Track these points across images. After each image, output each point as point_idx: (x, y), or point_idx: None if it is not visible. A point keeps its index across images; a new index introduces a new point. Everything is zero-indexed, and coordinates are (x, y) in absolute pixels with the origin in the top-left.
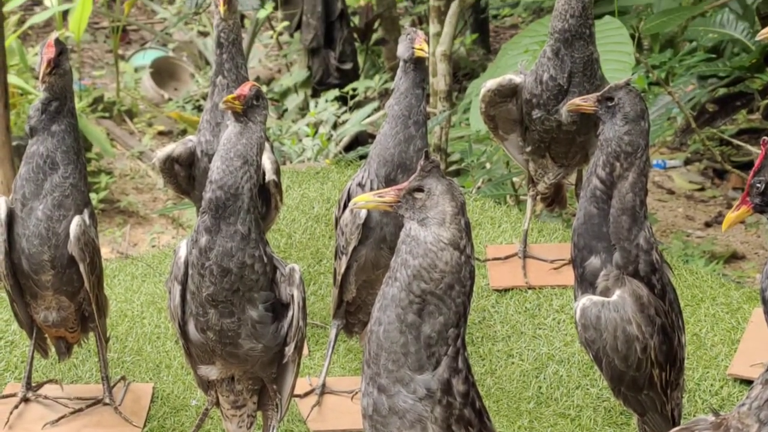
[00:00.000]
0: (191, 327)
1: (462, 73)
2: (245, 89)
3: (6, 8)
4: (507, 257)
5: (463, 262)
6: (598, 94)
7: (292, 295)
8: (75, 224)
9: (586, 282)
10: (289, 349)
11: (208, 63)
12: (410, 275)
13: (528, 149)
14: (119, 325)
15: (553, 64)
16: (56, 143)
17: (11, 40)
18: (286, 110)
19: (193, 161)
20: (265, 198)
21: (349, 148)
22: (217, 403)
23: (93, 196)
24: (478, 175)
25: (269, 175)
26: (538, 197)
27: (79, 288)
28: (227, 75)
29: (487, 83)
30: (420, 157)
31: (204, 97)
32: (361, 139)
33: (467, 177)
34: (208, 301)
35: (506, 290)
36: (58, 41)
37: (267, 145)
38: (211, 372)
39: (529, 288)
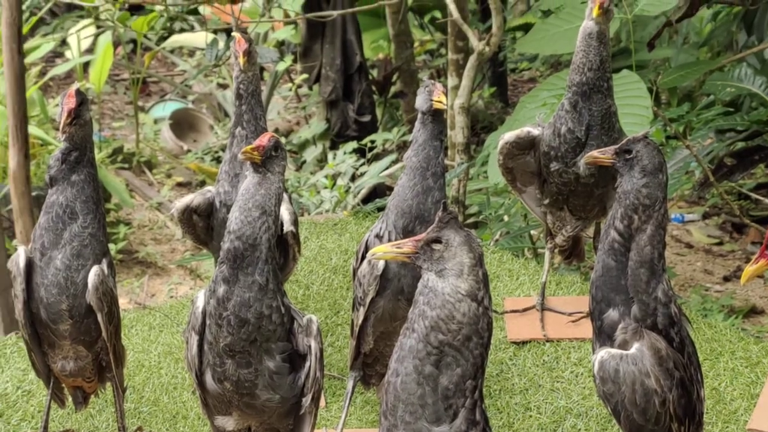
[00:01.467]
0: (208, 377)
1: (480, 126)
2: (264, 140)
3: (28, 60)
4: (525, 310)
5: (481, 313)
6: (616, 146)
7: (310, 346)
8: (93, 274)
9: (604, 335)
10: (306, 400)
11: (227, 115)
12: (428, 326)
13: (546, 201)
14: (136, 375)
15: (571, 116)
16: (76, 193)
17: (32, 91)
18: (304, 162)
19: (212, 212)
20: (283, 249)
21: (367, 200)
22: None
23: (111, 246)
24: (495, 228)
25: (287, 226)
26: (556, 250)
27: (97, 338)
28: (246, 126)
29: (506, 135)
30: (438, 208)
31: (223, 149)
32: (379, 191)
33: (485, 230)
34: (226, 352)
35: (524, 343)
36: (78, 92)
37: (285, 196)
38: (228, 423)
39: (547, 341)
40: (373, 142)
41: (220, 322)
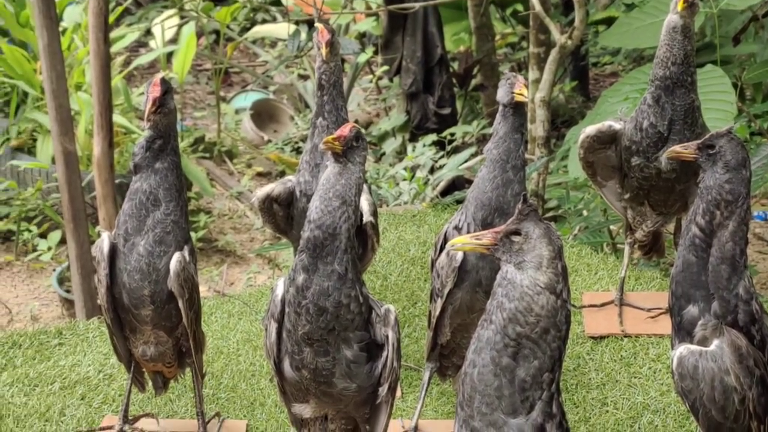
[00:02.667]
0: (286, 365)
1: (560, 120)
2: (345, 130)
3: (113, 49)
4: (603, 304)
5: (559, 306)
6: (699, 141)
7: (387, 336)
8: (175, 260)
9: (683, 331)
10: (383, 390)
11: (307, 106)
12: (506, 318)
13: (626, 196)
14: (215, 361)
15: (653, 111)
16: (159, 180)
17: (117, 80)
18: (383, 154)
19: (292, 201)
20: (362, 239)
21: (445, 192)
22: None
23: (192, 234)
24: (575, 222)
25: (366, 217)
26: (636, 245)
27: (178, 323)
28: (327, 116)
29: (587, 129)
30: (517, 201)
31: (303, 140)
32: (458, 184)
33: (564, 224)
34: (304, 340)
35: (602, 338)
36: (164, 80)
37: (365, 186)
38: (305, 410)
39: (625, 336)
40: (452, 134)
41: (299, 310)
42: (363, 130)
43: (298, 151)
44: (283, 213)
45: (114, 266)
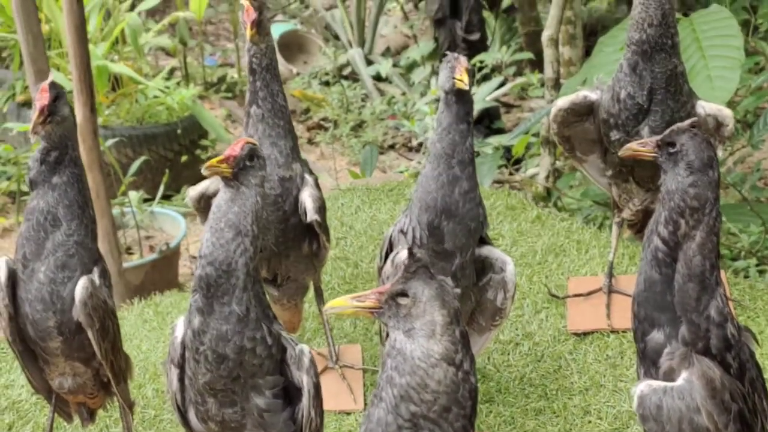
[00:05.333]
0: (192, 415)
1: (603, 33)
2: (236, 149)
3: None
4: (590, 293)
5: (461, 379)
6: (658, 138)
7: (302, 381)
8: (81, 287)
9: (648, 360)
10: None
11: (336, 37)
12: (397, 396)
13: (609, 173)
14: (162, 375)
15: (630, 80)
16: (57, 197)
17: (122, 26)
18: (413, 84)
19: None
20: (313, 236)
21: (478, 122)
22: None
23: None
24: None
25: (311, 215)
26: (625, 224)
27: (93, 353)
28: (262, 104)
29: (558, 102)
30: (467, 201)
31: (330, 72)
32: (493, 113)
33: (576, 174)
34: (206, 389)
35: (586, 334)
36: (53, 85)
37: (310, 179)
38: None
39: (612, 331)
40: (482, 62)
41: (197, 356)
42: (390, 60)
43: (326, 84)
44: None
45: (16, 295)
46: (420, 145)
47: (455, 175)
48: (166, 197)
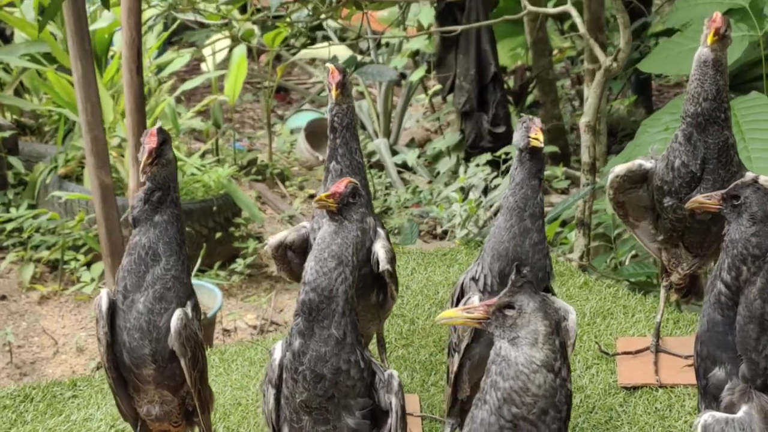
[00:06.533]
0: None
1: (622, 134)
2: (341, 186)
3: (165, 72)
4: (638, 352)
5: (558, 385)
6: (723, 191)
7: (391, 403)
8: (176, 318)
9: (709, 395)
10: None
11: (363, 126)
12: (500, 398)
13: (660, 238)
14: (232, 414)
15: (685, 149)
16: (159, 234)
17: (163, 106)
18: (438, 173)
19: (306, 248)
20: (381, 286)
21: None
22: None
23: (240, 261)
24: (622, 251)
25: (383, 265)
26: (672, 288)
27: (182, 382)
28: (341, 160)
29: (616, 169)
30: (536, 251)
31: None
32: None
33: (610, 255)
34: (302, 407)
35: (635, 388)
36: (160, 130)
37: (382, 232)
38: None
39: (661, 386)
40: (507, 153)
41: (296, 376)
42: (418, 149)
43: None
44: (298, 260)
45: (114, 324)
46: (445, 233)
47: (526, 227)
48: (200, 271)
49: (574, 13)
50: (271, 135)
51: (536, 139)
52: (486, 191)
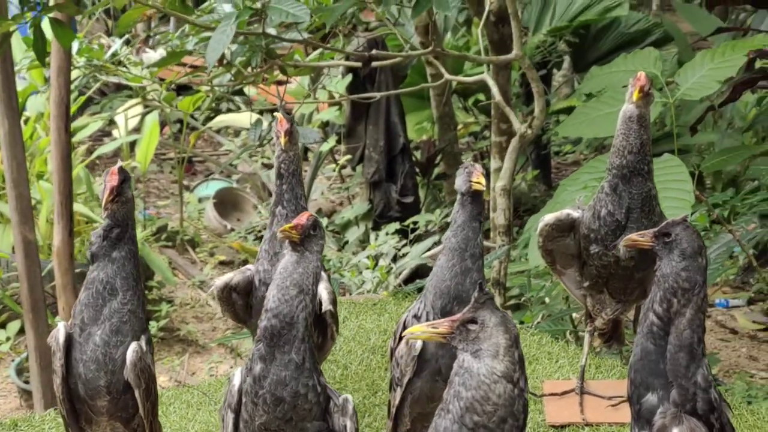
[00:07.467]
0: None
1: (523, 209)
2: (303, 219)
3: (75, 138)
4: (564, 393)
5: (517, 395)
6: (655, 229)
7: (345, 426)
8: (132, 350)
9: (642, 419)
10: None
11: (270, 194)
12: (463, 407)
13: (586, 284)
14: None
15: (611, 199)
16: (116, 269)
17: (79, 169)
18: (347, 242)
19: (251, 290)
20: (322, 328)
21: (408, 281)
22: None
23: (153, 324)
24: (536, 310)
25: (326, 305)
26: (596, 333)
27: (134, 414)
28: (286, 205)
29: (546, 217)
30: (475, 289)
31: (265, 228)
32: (421, 273)
33: (526, 312)
34: (261, 430)
35: (563, 426)
36: (121, 169)
37: (324, 275)
38: None
39: (586, 425)
40: (415, 223)
41: (255, 400)
42: (325, 220)
43: (260, 239)
44: (242, 302)
45: (70, 356)
46: None
47: (467, 267)
48: None
49: (490, 81)
50: (182, 201)
51: (478, 183)
52: (395, 259)
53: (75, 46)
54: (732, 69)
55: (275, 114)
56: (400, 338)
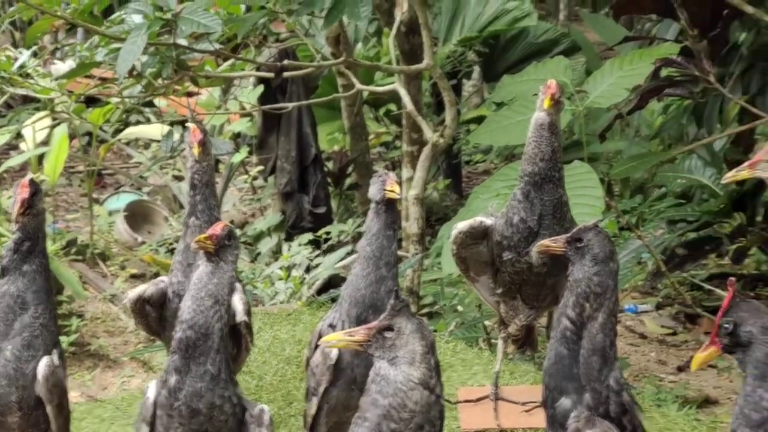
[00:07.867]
0: None
1: (434, 218)
2: (217, 229)
3: None
4: (478, 399)
5: (433, 401)
6: (568, 235)
7: None
8: (43, 364)
9: (557, 423)
10: None
11: (182, 206)
12: (380, 415)
13: (499, 291)
14: None
15: (523, 206)
16: (27, 283)
17: None
18: (259, 254)
19: (165, 302)
20: (236, 339)
21: (321, 291)
22: None
23: (63, 338)
24: (450, 318)
25: (240, 316)
26: (510, 339)
27: (46, 430)
28: (200, 216)
29: (459, 225)
30: (391, 298)
31: (177, 241)
32: (334, 283)
33: (439, 320)
34: None
35: None
36: (32, 182)
37: (238, 285)
38: None
39: (501, 430)
40: (328, 233)
41: (171, 412)
42: (238, 231)
43: (172, 252)
44: (155, 314)
45: None
46: None
47: (382, 275)
48: None
49: (402, 91)
50: (92, 214)
51: (392, 191)
52: (308, 269)
53: None
54: (639, 77)
55: (188, 124)
56: (316, 348)
